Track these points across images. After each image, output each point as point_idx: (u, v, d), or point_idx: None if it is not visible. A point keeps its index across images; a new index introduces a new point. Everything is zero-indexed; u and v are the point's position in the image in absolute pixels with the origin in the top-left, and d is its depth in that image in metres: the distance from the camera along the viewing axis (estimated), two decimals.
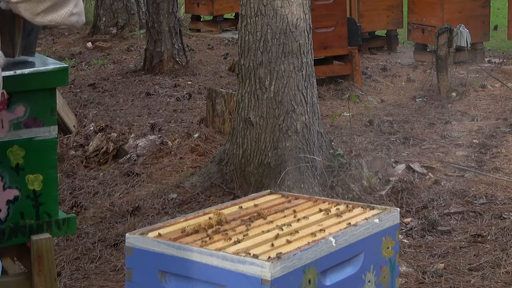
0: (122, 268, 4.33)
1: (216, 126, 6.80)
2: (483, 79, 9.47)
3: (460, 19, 10.28)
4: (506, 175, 5.95)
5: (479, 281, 4.19)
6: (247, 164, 5.37)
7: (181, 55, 10.29)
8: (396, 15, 12.07)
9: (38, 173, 3.43)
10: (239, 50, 5.47)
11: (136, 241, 2.50)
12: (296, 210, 2.84)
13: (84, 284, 4.23)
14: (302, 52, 5.36)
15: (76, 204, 5.37)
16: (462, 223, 5.06)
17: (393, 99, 8.82)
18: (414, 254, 4.58)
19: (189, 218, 2.71)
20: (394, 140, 6.93)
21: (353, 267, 2.60)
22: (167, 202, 5.37)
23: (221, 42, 12.80)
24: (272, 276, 2.26)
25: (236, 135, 5.46)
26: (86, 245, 4.69)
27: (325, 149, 5.43)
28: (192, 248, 2.40)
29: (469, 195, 5.49)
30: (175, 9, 10.37)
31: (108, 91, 9.13)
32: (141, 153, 6.39)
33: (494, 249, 4.61)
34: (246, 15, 5.39)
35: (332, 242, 2.48)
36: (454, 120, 7.66)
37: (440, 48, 8.57)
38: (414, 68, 10.55)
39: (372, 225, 2.66)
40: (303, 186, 5.18)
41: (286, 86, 5.32)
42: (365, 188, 5.35)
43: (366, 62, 10.78)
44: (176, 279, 2.46)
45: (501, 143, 6.79)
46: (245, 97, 5.41)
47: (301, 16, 5.35)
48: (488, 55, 11.57)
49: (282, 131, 5.30)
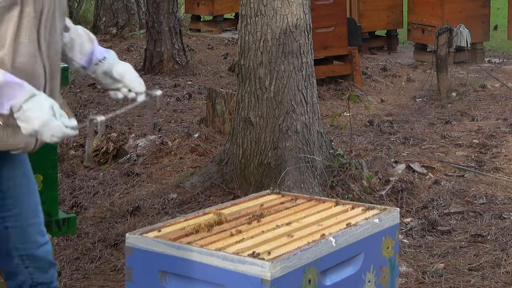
0: (122, 268, 4.33)
1: (216, 126, 6.80)
2: (483, 79, 9.47)
3: (460, 19, 10.29)
4: (506, 175, 5.95)
5: (479, 281, 4.19)
6: (247, 164, 5.37)
7: (181, 55, 10.29)
8: (396, 15, 12.07)
9: (38, 173, 3.44)
10: (239, 50, 5.47)
11: (136, 241, 2.50)
12: (296, 210, 2.84)
13: (84, 284, 4.23)
14: (302, 52, 5.36)
15: (76, 204, 5.37)
16: (462, 223, 5.06)
17: (393, 99, 8.82)
18: (414, 254, 4.58)
19: (189, 218, 2.71)
20: (394, 140, 6.93)
21: (353, 267, 2.60)
22: (167, 202, 5.37)
23: (221, 42, 12.80)
24: (272, 276, 2.27)
25: (236, 135, 5.46)
26: (86, 245, 4.69)
27: (325, 149, 5.43)
28: (192, 248, 2.40)
29: (469, 195, 5.49)
30: (175, 9, 10.37)
31: (108, 91, 9.12)
32: (141, 153, 6.39)
33: (494, 249, 4.61)
34: (246, 15, 5.39)
35: (332, 242, 2.48)
36: (454, 120, 7.66)
37: (440, 48, 8.57)
38: (414, 68, 10.55)
39: (372, 225, 2.66)
40: (303, 186, 5.18)
41: (286, 86, 5.32)
42: (365, 188, 5.35)
43: (366, 62, 10.78)
44: (176, 279, 2.46)
45: (501, 143, 6.80)
46: (245, 97, 5.41)
47: (301, 16, 5.35)
48: (488, 55, 11.58)
49: (282, 131, 5.30)
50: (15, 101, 2.36)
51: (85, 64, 2.85)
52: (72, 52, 2.84)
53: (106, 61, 2.83)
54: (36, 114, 2.36)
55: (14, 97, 2.36)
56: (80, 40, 2.84)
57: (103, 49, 2.87)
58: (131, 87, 2.81)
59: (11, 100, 2.36)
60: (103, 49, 2.87)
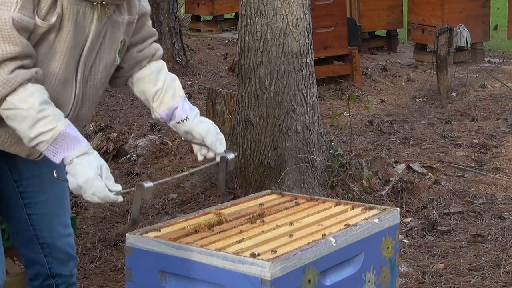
0: (122, 268, 4.33)
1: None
2: (483, 79, 9.47)
3: (460, 19, 10.29)
4: (506, 175, 5.95)
5: (479, 281, 4.19)
6: (247, 164, 5.37)
7: (181, 55, 10.29)
8: (396, 15, 12.08)
9: None
10: (239, 50, 5.47)
11: (136, 241, 2.50)
12: (296, 210, 2.84)
13: (84, 284, 4.22)
14: (302, 52, 5.36)
15: (76, 204, 5.36)
16: (462, 223, 5.06)
17: (393, 99, 8.82)
18: (414, 254, 4.58)
19: (189, 218, 2.71)
20: (394, 140, 6.93)
21: (353, 267, 2.60)
22: (167, 202, 5.37)
23: (221, 42, 12.81)
24: (272, 276, 2.27)
25: (236, 135, 5.46)
26: (86, 245, 4.69)
27: (325, 149, 5.43)
28: (192, 248, 2.40)
29: (469, 195, 5.49)
30: (175, 9, 10.37)
31: (108, 91, 9.13)
32: (141, 153, 6.39)
33: (494, 249, 4.61)
34: (246, 15, 5.39)
35: (332, 242, 2.48)
36: (454, 120, 7.66)
37: (440, 48, 8.57)
38: (414, 68, 10.55)
39: (372, 225, 2.66)
40: (303, 186, 5.18)
41: (286, 86, 5.32)
42: (365, 188, 5.35)
43: (366, 62, 10.78)
44: (176, 279, 2.46)
45: (501, 143, 6.79)
46: (245, 97, 5.41)
47: (301, 16, 5.35)
48: (488, 55, 11.58)
49: (282, 131, 5.30)
50: (69, 153, 2.41)
51: (164, 117, 2.80)
52: (153, 97, 2.80)
53: (187, 122, 2.79)
54: (83, 170, 2.40)
55: (69, 150, 2.41)
56: (166, 90, 2.81)
57: (188, 107, 2.81)
58: (212, 149, 2.79)
59: (66, 152, 2.41)
60: (188, 106, 2.81)
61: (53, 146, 2.41)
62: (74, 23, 2.50)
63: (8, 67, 2.39)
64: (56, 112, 2.44)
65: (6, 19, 2.37)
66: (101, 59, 2.64)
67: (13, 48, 2.39)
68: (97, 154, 2.47)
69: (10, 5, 2.38)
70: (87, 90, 2.64)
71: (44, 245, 2.83)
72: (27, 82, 2.42)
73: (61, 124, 2.41)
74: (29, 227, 2.82)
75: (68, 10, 2.48)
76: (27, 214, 2.80)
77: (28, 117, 2.40)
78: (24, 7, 2.40)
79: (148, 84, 2.81)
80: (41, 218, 2.81)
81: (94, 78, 2.65)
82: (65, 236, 2.86)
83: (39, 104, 2.40)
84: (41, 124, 2.40)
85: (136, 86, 2.83)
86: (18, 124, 2.41)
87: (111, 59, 2.68)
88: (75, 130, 2.45)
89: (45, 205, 2.80)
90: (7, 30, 2.37)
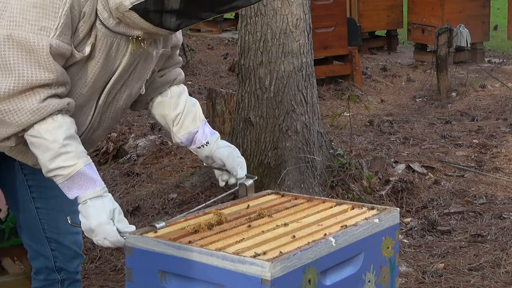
0: (122, 268, 4.33)
1: (216, 126, 6.80)
2: (483, 79, 9.48)
3: (460, 19, 10.29)
4: (506, 175, 5.95)
5: (479, 281, 4.19)
6: (247, 164, 5.35)
7: (181, 55, 10.29)
8: (396, 15, 12.08)
9: None
10: (239, 50, 5.47)
11: (136, 241, 2.50)
12: (296, 210, 2.84)
13: (84, 284, 4.23)
14: (302, 52, 5.36)
15: None
16: (462, 223, 5.06)
17: (393, 99, 8.82)
18: (414, 254, 4.58)
19: (189, 218, 2.71)
20: (394, 140, 6.94)
21: (353, 267, 2.60)
22: (167, 202, 5.37)
23: (221, 42, 12.81)
24: (272, 276, 2.26)
25: (236, 135, 5.46)
26: (86, 245, 4.69)
27: (325, 149, 5.43)
28: (192, 248, 2.40)
29: (469, 195, 5.49)
30: None
31: None
32: (141, 153, 6.39)
33: (494, 249, 4.61)
34: (246, 15, 5.39)
35: (332, 242, 2.48)
36: (454, 120, 7.66)
37: (440, 48, 8.58)
38: (414, 68, 10.56)
39: (372, 225, 2.66)
40: (303, 186, 5.18)
41: (286, 86, 5.32)
42: (365, 188, 5.35)
43: (366, 62, 10.79)
44: (176, 279, 2.46)
45: (501, 143, 6.80)
46: (245, 97, 5.41)
47: (301, 16, 5.35)
48: (488, 55, 11.59)
49: (282, 131, 5.30)
50: (83, 193, 2.42)
51: (185, 141, 2.81)
52: (173, 121, 2.80)
53: (208, 147, 2.80)
54: (96, 213, 2.41)
55: (84, 189, 2.42)
56: (186, 114, 2.81)
57: (209, 131, 2.81)
58: (233, 173, 2.82)
59: (80, 190, 2.42)
60: (208, 131, 2.81)
61: (69, 182, 2.42)
62: (105, 54, 2.49)
63: (40, 95, 2.38)
64: (79, 149, 2.44)
65: (44, 46, 2.36)
66: (127, 87, 2.63)
67: (48, 75, 2.38)
68: (111, 197, 2.46)
69: (49, 31, 2.37)
70: (106, 114, 2.64)
71: (51, 239, 2.85)
72: (57, 113, 2.41)
73: (81, 162, 2.41)
74: (37, 221, 2.83)
75: (102, 41, 2.47)
76: (35, 207, 2.82)
77: (51, 149, 2.40)
78: (63, 33, 2.39)
79: (168, 109, 2.80)
80: (49, 213, 2.83)
81: (116, 105, 2.65)
82: (72, 233, 2.86)
83: (63, 138, 2.40)
84: (62, 158, 2.40)
85: (156, 110, 2.82)
86: (41, 154, 2.42)
87: (137, 88, 2.67)
88: (94, 171, 2.45)
89: (53, 201, 2.80)
90: (43, 56, 2.36)
